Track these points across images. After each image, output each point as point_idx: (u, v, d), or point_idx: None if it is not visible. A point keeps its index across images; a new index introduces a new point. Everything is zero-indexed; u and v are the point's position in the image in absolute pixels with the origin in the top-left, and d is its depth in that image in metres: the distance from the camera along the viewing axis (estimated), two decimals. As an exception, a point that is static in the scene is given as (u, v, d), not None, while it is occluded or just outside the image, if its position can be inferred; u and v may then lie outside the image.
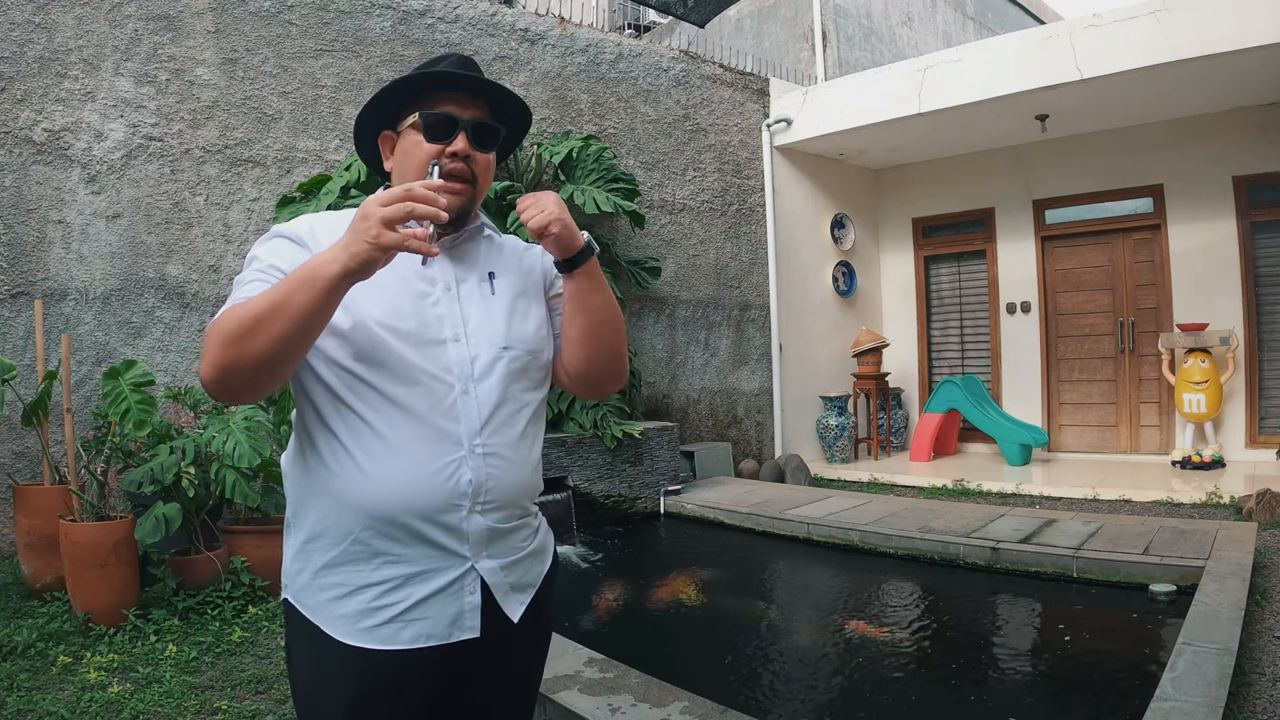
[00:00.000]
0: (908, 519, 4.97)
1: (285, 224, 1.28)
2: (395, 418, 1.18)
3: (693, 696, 2.59)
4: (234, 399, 1.16)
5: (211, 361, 1.07)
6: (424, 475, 1.17)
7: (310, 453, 1.22)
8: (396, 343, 1.19)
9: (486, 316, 1.29)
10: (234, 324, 1.05)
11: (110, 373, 3.78)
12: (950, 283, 8.63)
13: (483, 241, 1.38)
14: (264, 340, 1.04)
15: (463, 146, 1.26)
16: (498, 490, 1.23)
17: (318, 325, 1.07)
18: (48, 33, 4.50)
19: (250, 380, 1.08)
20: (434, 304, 1.25)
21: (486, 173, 1.31)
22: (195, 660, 3.16)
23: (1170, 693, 2.41)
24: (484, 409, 1.23)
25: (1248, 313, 6.77)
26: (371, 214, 1.02)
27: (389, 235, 1.01)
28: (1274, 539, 4.52)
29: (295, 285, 1.04)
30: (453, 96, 1.28)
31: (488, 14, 6.13)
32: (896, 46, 10.13)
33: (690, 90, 7.28)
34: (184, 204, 4.88)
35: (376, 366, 1.18)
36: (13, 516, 3.98)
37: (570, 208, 5.75)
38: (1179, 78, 5.81)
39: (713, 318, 7.40)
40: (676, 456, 6.07)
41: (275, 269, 1.18)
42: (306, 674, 1.24)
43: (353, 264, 1.02)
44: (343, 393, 1.19)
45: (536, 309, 1.37)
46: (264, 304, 1.04)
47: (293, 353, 1.08)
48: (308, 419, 1.23)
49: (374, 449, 1.17)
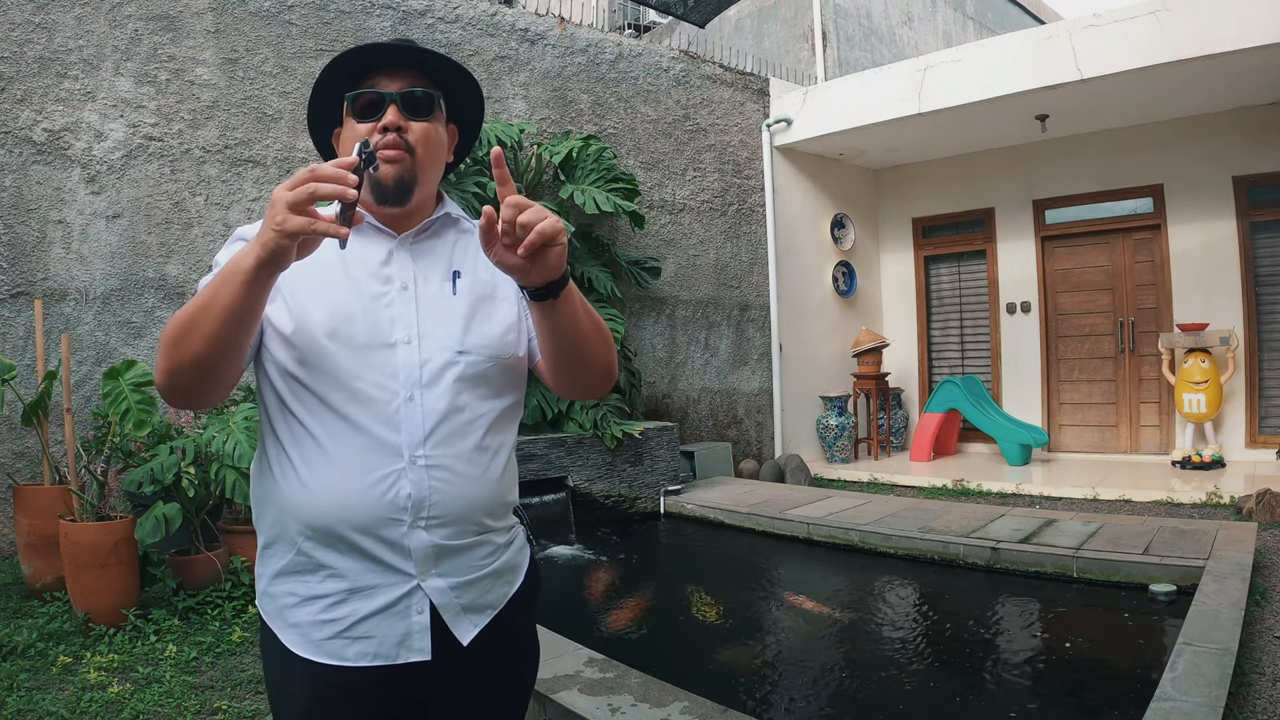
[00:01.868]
0: (908, 519, 4.97)
1: (247, 225, 1.23)
2: (336, 426, 1.13)
3: (693, 696, 2.59)
4: (188, 404, 1.13)
5: (158, 368, 1.06)
6: (360, 488, 1.12)
7: (263, 460, 1.20)
8: (338, 347, 1.14)
9: (444, 318, 1.20)
10: (173, 328, 1.04)
11: (110, 373, 3.77)
12: (950, 283, 8.63)
13: (452, 235, 1.29)
14: (197, 341, 1.01)
15: (393, 119, 1.18)
16: (444, 505, 1.15)
17: (247, 321, 1.03)
18: (48, 33, 4.50)
19: (193, 383, 1.06)
20: (387, 304, 1.18)
21: (426, 142, 1.22)
22: (195, 660, 3.16)
23: (1170, 693, 2.41)
24: (429, 418, 1.15)
25: (1248, 313, 6.77)
26: (278, 199, 0.95)
27: (294, 220, 0.94)
28: (1274, 539, 4.52)
29: (220, 283, 1.01)
30: (381, 74, 1.22)
31: (488, 14, 6.13)
32: (896, 46, 10.13)
33: (690, 90, 7.28)
34: (184, 204, 4.88)
35: (317, 372, 1.13)
36: (13, 516, 3.98)
37: (570, 207, 5.78)
38: (1179, 78, 5.81)
39: (713, 318, 7.40)
40: (676, 456, 6.08)
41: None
42: (272, 678, 1.23)
43: (264, 254, 0.96)
44: (289, 400, 1.15)
45: (505, 310, 1.26)
46: (196, 305, 1.02)
47: (226, 352, 1.04)
48: (263, 426, 1.21)
49: (313, 459, 1.13)
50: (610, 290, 5.85)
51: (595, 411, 5.65)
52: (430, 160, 1.23)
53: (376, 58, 1.22)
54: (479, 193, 5.24)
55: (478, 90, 1.33)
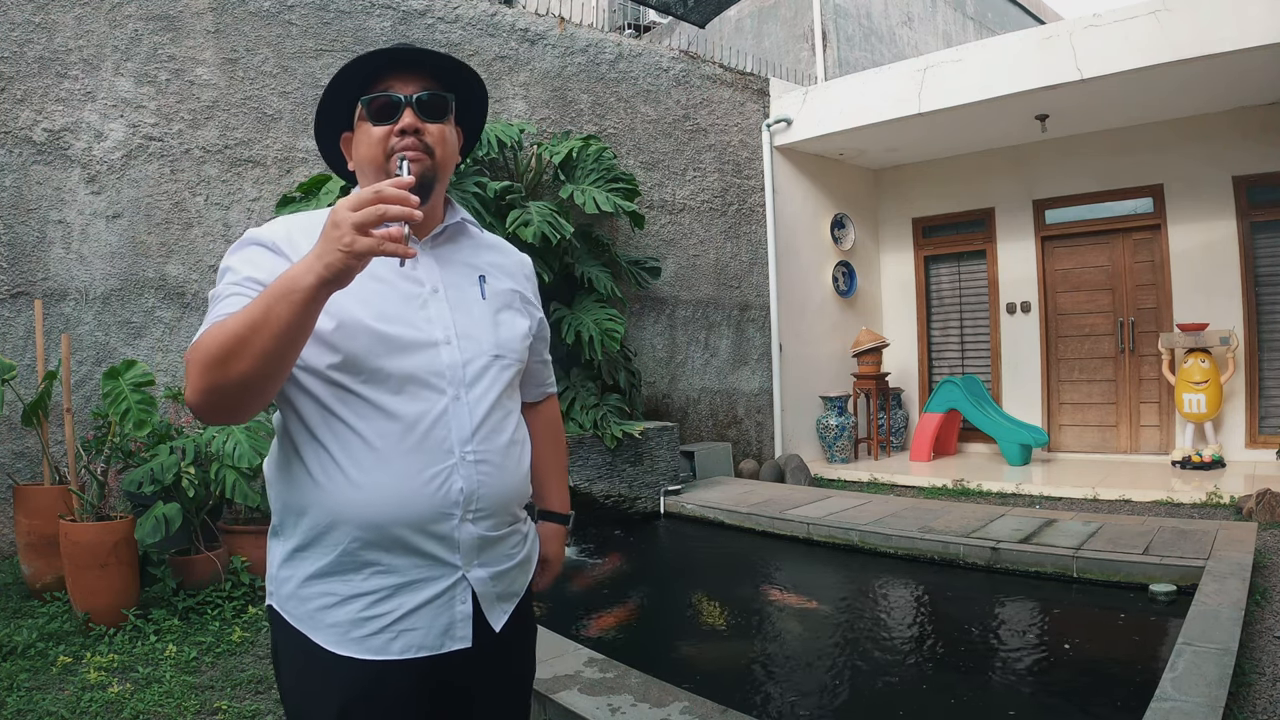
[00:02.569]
0: (908, 519, 4.97)
1: (259, 229, 1.22)
2: (384, 426, 1.15)
3: (693, 696, 2.59)
4: (223, 420, 1.12)
5: (196, 387, 1.04)
6: (416, 485, 1.14)
7: (296, 463, 1.19)
8: (384, 348, 1.16)
9: (476, 321, 1.26)
10: (214, 346, 1.02)
11: (110, 373, 3.78)
12: (950, 283, 8.63)
13: (467, 240, 1.34)
14: (247, 360, 1.00)
15: (409, 122, 1.21)
16: (489, 498, 1.21)
17: (300, 339, 1.03)
18: (48, 33, 4.50)
19: (237, 402, 1.05)
20: (422, 306, 1.22)
21: (443, 144, 1.26)
22: (195, 660, 3.16)
23: (1170, 693, 2.41)
24: (475, 415, 1.20)
25: (1248, 313, 6.77)
26: (343, 220, 0.97)
27: (363, 241, 0.96)
28: (1274, 539, 4.52)
29: (273, 300, 0.99)
30: (393, 77, 1.24)
31: (488, 14, 6.13)
32: (896, 46, 10.13)
33: (690, 90, 7.28)
34: (184, 204, 4.88)
35: (364, 374, 1.15)
36: (13, 516, 3.98)
37: (570, 207, 5.78)
38: (1179, 78, 5.81)
39: (713, 318, 7.40)
40: (676, 456, 6.08)
41: (252, 281, 1.14)
42: (295, 683, 1.21)
43: (328, 273, 0.97)
44: (330, 402, 1.15)
45: (521, 321, 1.34)
46: (243, 322, 1.00)
47: (277, 370, 1.04)
48: (293, 429, 1.19)
49: (364, 460, 1.14)
50: (610, 290, 5.85)
51: (595, 411, 5.65)
52: (447, 161, 1.27)
53: (387, 61, 1.24)
54: (479, 193, 5.23)
55: (483, 91, 1.37)
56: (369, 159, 1.24)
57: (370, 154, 1.23)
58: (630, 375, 6.25)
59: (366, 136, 1.23)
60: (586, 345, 5.54)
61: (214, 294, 1.16)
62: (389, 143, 1.21)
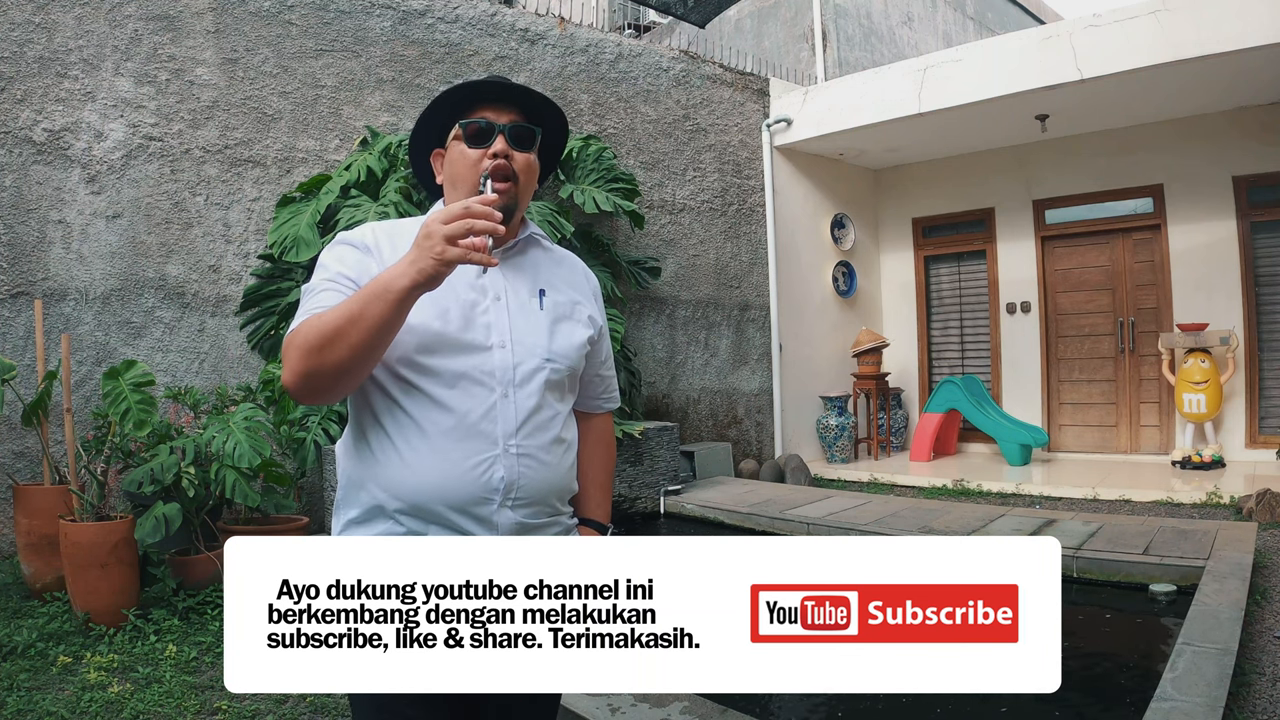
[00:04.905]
0: (908, 519, 4.97)
1: (349, 232, 1.37)
2: (437, 416, 1.27)
3: (693, 696, 2.59)
4: (316, 401, 1.27)
5: (295, 370, 1.18)
6: (459, 470, 1.26)
7: (362, 444, 1.32)
8: (443, 348, 1.28)
9: (533, 328, 1.37)
10: (313, 335, 1.16)
11: (110, 373, 3.78)
12: (950, 283, 8.63)
13: (536, 253, 1.46)
14: (343, 349, 1.15)
15: (502, 147, 1.34)
16: (529, 488, 1.31)
17: (390, 334, 1.17)
18: (48, 33, 4.50)
19: (332, 384, 1.20)
20: (483, 312, 1.33)
21: (528, 171, 1.38)
22: (195, 660, 3.16)
23: (1170, 693, 2.41)
24: (520, 413, 1.31)
25: (1248, 313, 6.76)
26: (435, 232, 1.12)
27: (453, 250, 1.11)
28: (1274, 539, 4.52)
29: (369, 298, 1.14)
30: (490, 106, 1.38)
31: (488, 14, 6.13)
32: (896, 46, 10.13)
33: (690, 90, 7.28)
34: (184, 204, 4.88)
35: (424, 370, 1.27)
36: (13, 516, 3.98)
37: (570, 207, 5.78)
38: (1179, 78, 5.81)
39: (713, 318, 7.40)
40: (676, 456, 6.07)
41: (344, 277, 1.28)
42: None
43: (420, 278, 1.12)
44: (394, 392, 1.28)
45: (581, 331, 1.44)
46: (340, 316, 1.15)
47: (369, 359, 1.19)
48: (361, 413, 1.33)
49: (416, 443, 1.27)
50: (610, 290, 5.85)
51: (595, 411, 5.64)
52: (528, 188, 1.41)
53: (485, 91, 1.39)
54: (479, 193, 5.23)
55: (565, 125, 1.50)
56: (462, 177, 1.36)
57: (464, 172, 1.36)
58: (630, 375, 6.25)
59: (462, 156, 1.36)
60: (586, 345, 5.54)
61: (308, 288, 1.30)
62: (482, 164, 1.34)
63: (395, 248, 1.32)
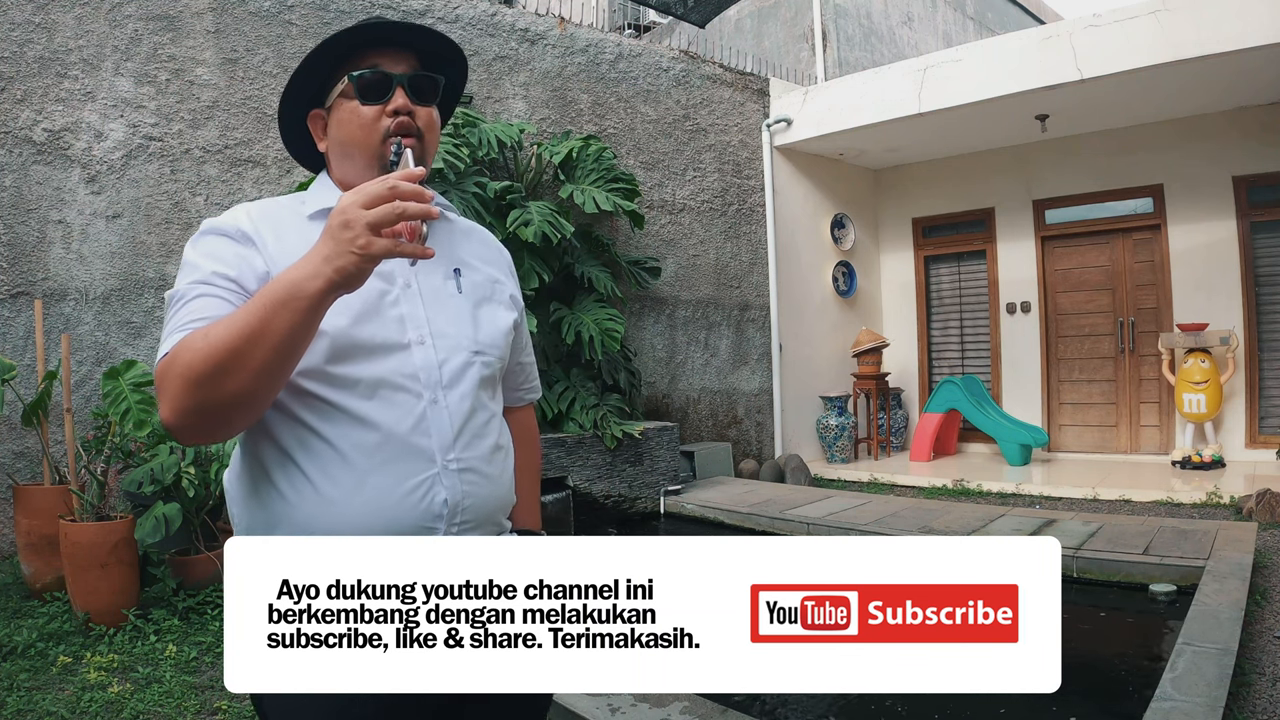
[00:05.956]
0: (908, 519, 4.97)
1: (217, 219, 1.13)
2: (359, 435, 1.06)
3: (692, 696, 2.59)
4: (207, 440, 1.03)
5: (179, 407, 0.93)
6: (393, 498, 1.06)
7: (264, 483, 1.08)
8: (355, 351, 1.07)
9: (454, 316, 1.16)
10: (201, 360, 0.91)
11: (110, 373, 3.78)
12: (950, 283, 8.63)
13: (444, 228, 1.23)
14: (243, 376, 0.91)
15: (403, 103, 1.13)
16: (475, 508, 1.13)
17: (303, 348, 0.96)
18: (48, 33, 4.50)
19: (225, 420, 0.97)
20: (393, 303, 1.11)
21: (431, 128, 1.17)
22: (195, 660, 3.16)
23: (1170, 693, 2.41)
24: (455, 420, 1.11)
25: (1248, 313, 6.77)
26: (355, 219, 0.89)
27: (380, 243, 0.89)
28: (1274, 539, 4.52)
29: (271, 307, 0.90)
30: (381, 52, 1.15)
31: (488, 14, 6.13)
32: (896, 46, 10.13)
33: (690, 90, 7.28)
34: (184, 204, 4.88)
35: (335, 381, 1.06)
36: (13, 516, 3.97)
37: (570, 207, 5.78)
38: (1179, 78, 5.81)
39: (713, 318, 7.40)
40: (676, 456, 6.07)
41: (221, 278, 1.04)
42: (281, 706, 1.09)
43: (338, 277, 0.90)
44: (301, 413, 1.06)
45: (504, 315, 1.25)
46: (235, 334, 0.90)
47: (275, 384, 0.96)
48: (260, 447, 1.08)
49: (335, 472, 1.05)
50: (610, 290, 5.85)
51: (595, 412, 5.64)
52: (432, 146, 1.19)
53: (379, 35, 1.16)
54: (479, 193, 5.23)
55: (465, 68, 1.29)
56: (357, 141, 1.14)
57: (359, 135, 1.14)
58: (630, 375, 6.25)
59: (354, 116, 1.13)
60: (586, 345, 5.54)
61: (174, 294, 1.04)
62: (381, 123, 1.12)
63: (279, 235, 1.10)
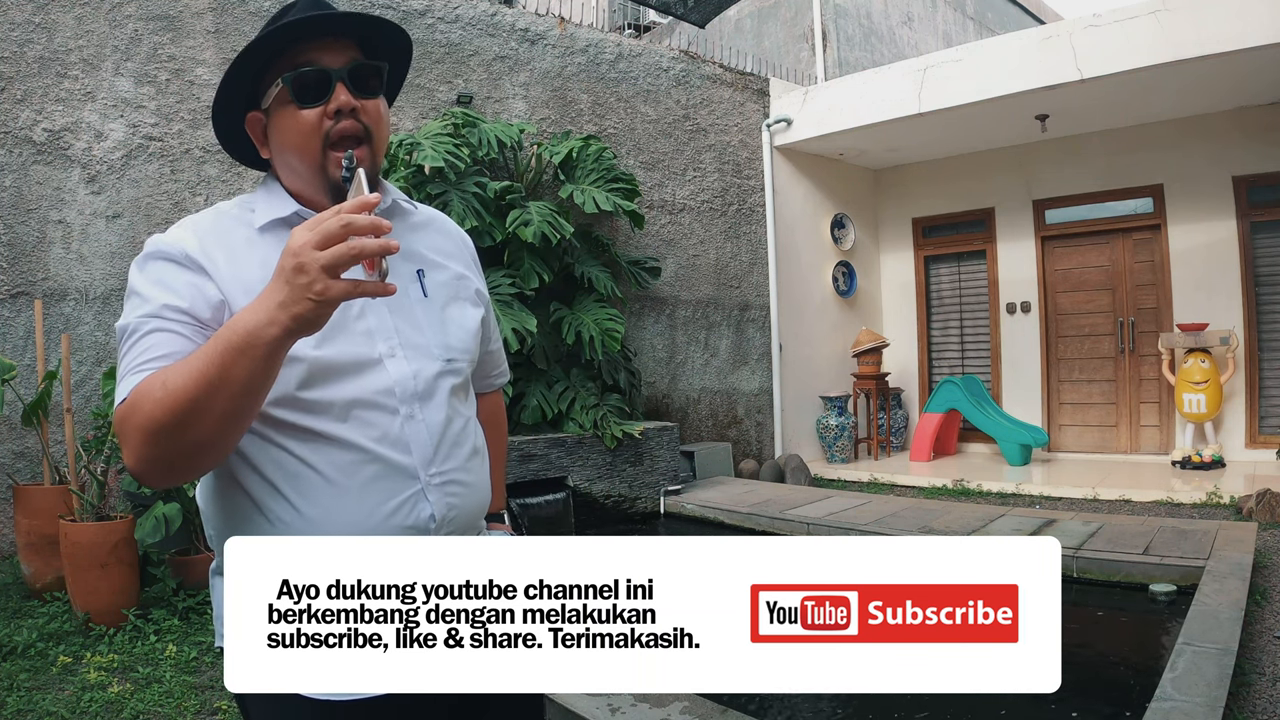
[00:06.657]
0: (908, 519, 4.97)
1: (164, 238, 1.07)
2: (339, 456, 1.03)
3: (692, 696, 2.59)
4: (176, 483, 1.02)
5: (142, 456, 0.90)
6: (378, 517, 1.04)
7: (242, 501, 1.05)
8: (324, 374, 1.03)
9: (422, 324, 1.12)
10: (160, 413, 0.88)
11: (110, 373, 3.78)
12: (950, 283, 8.63)
13: (403, 227, 1.16)
14: (205, 425, 0.88)
15: (345, 100, 1.05)
16: (459, 519, 1.12)
17: (264, 392, 0.92)
18: (48, 33, 4.50)
19: (195, 464, 0.95)
20: (358, 316, 1.06)
21: (380, 122, 1.10)
22: (195, 660, 3.16)
23: (1170, 693, 2.41)
24: (434, 432, 1.09)
25: (1248, 313, 6.77)
26: (308, 263, 0.83)
27: (337, 286, 0.84)
28: (1274, 539, 4.52)
29: (229, 354, 0.86)
30: (316, 46, 1.06)
31: (488, 14, 6.13)
32: (896, 46, 10.13)
33: (690, 90, 7.28)
34: (184, 204, 4.88)
35: (305, 405, 1.02)
36: (13, 516, 3.97)
37: (570, 207, 5.78)
38: (1179, 78, 5.81)
39: (713, 318, 7.40)
40: (676, 456, 6.07)
41: (173, 310, 0.99)
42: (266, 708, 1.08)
43: (294, 325, 0.85)
44: (272, 435, 1.03)
45: (473, 313, 1.21)
46: (193, 383, 0.86)
47: (239, 427, 0.93)
48: (237, 468, 1.05)
49: (318, 494, 1.03)
50: (610, 290, 5.85)
51: (595, 411, 5.64)
52: (383, 142, 1.12)
53: (311, 29, 1.07)
54: (479, 193, 5.24)
55: (409, 48, 1.19)
56: (298, 148, 1.07)
57: (298, 142, 1.07)
58: (630, 375, 6.25)
59: (293, 121, 1.06)
60: (586, 345, 5.55)
61: (124, 327, 0.99)
62: (323, 127, 1.05)
63: (232, 256, 1.05)
